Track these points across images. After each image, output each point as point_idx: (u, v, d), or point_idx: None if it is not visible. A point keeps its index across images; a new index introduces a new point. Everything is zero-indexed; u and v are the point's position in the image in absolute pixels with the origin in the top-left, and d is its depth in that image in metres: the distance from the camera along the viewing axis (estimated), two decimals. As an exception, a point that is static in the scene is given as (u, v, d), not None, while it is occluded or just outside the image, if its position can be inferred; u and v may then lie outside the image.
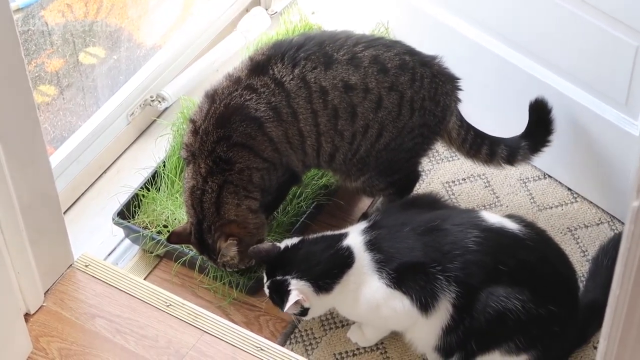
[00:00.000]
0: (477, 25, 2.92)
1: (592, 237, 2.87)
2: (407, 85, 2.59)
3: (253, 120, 2.54)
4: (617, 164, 2.79)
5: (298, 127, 2.57)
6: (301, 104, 2.55)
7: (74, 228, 2.84)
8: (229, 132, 2.53)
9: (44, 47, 2.87)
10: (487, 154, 2.77)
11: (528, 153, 2.78)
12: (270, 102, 2.54)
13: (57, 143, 2.96)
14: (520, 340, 2.40)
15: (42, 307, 2.64)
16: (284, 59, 2.55)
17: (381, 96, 2.57)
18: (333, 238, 2.48)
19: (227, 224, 2.59)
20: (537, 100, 2.76)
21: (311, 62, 2.55)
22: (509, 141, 2.78)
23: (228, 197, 2.57)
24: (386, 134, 2.60)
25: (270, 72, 2.55)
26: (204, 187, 2.57)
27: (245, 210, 2.59)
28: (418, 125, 2.62)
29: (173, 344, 2.57)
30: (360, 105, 2.57)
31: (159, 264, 2.84)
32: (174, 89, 3.16)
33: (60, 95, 2.98)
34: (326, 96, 2.55)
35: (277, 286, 2.46)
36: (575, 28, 2.66)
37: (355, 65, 2.55)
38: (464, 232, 2.39)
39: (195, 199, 2.59)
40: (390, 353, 2.64)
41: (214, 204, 2.58)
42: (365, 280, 2.41)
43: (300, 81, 2.54)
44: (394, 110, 2.59)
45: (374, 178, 2.69)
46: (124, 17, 3.10)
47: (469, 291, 2.35)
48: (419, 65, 2.61)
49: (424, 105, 2.61)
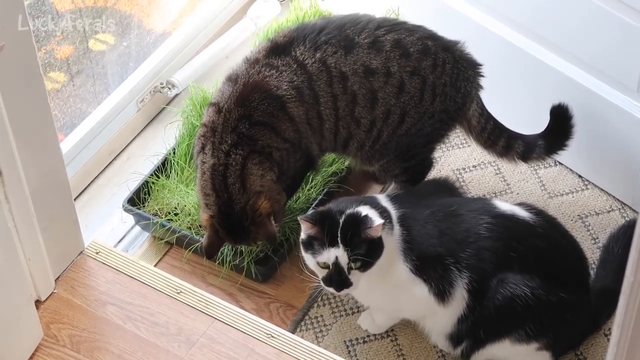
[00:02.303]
0: (488, 12, 2.92)
1: (603, 224, 2.87)
2: (430, 70, 2.58)
3: (275, 99, 2.53)
4: (628, 151, 2.78)
5: (318, 110, 2.56)
6: (322, 87, 2.54)
7: (84, 215, 2.84)
8: (249, 110, 2.52)
9: (53, 34, 2.86)
10: (504, 147, 2.75)
11: (543, 153, 2.76)
12: (292, 80, 2.53)
13: (67, 130, 2.96)
14: (531, 328, 2.39)
15: (52, 294, 2.64)
16: (306, 42, 2.54)
17: (403, 80, 2.56)
18: (372, 198, 2.44)
19: (258, 200, 2.53)
20: (560, 105, 2.73)
21: (332, 46, 2.53)
22: (526, 138, 2.76)
23: (253, 168, 2.53)
24: (408, 119, 2.59)
25: (292, 53, 2.54)
26: (227, 161, 2.52)
27: (270, 181, 2.56)
28: (438, 110, 2.62)
29: (184, 331, 2.57)
30: (382, 90, 2.56)
31: (170, 251, 2.84)
32: (183, 75, 3.16)
33: (70, 82, 2.97)
34: (346, 81, 2.54)
35: (352, 219, 2.32)
36: (587, 13, 2.65)
37: (377, 49, 2.54)
38: (476, 218, 2.39)
39: (217, 177, 2.53)
40: (400, 340, 2.63)
41: (239, 177, 2.52)
42: (394, 258, 2.38)
43: (322, 65, 2.53)
44: (416, 95, 2.58)
45: (390, 163, 2.68)
46: (133, 4, 3.09)
47: (482, 277, 2.35)
48: (441, 50, 2.60)
49: (445, 91, 2.60)
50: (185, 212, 2.80)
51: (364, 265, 2.32)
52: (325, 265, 2.33)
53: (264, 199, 2.53)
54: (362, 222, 2.29)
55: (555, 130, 2.75)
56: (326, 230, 2.30)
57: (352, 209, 2.32)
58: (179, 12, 3.29)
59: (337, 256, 2.30)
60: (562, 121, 2.74)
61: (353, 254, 2.29)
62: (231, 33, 3.31)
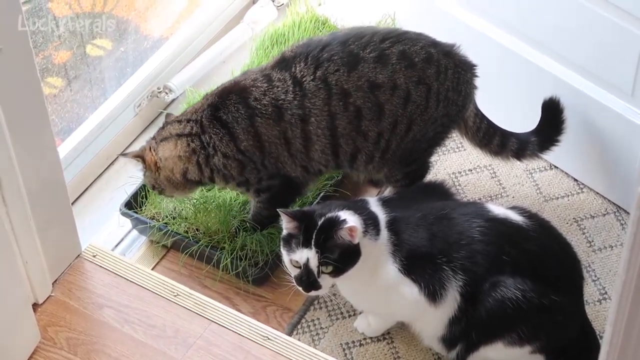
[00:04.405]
0: (483, 16, 2.93)
1: (598, 227, 2.88)
2: (434, 78, 2.59)
3: (247, 107, 2.56)
4: (623, 154, 2.79)
5: (305, 129, 2.57)
6: (318, 104, 2.55)
7: (81, 219, 2.85)
8: (221, 105, 2.58)
9: (51, 40, 2.88)
10: (498, 145, 2.78)
11: (537, 150, 2.80)
12: (277, 98, 2.55)
13: (64, 135, 2.97)
14: (523, 331, 2.39)
15: (50, 297, 2.65)
16: (308, 59, 2.56)
17: (409, 91, 2.57)
18: (362, 202, 2.46)
19: (150, 151, 2.64)
20: (550, 99, 2.76)
21: (334, 63, 2.54)
22: (519, 136, 2.79)
23: (179, 144, 2.61)
24: (415, 127, 2.61)
25: (292, 69, 2.56)
26: (175, 126, 2.63)
27: (181, 166, 2.62)
28: (441, 115, 2.63)
29: (180, 334, 2.58)
30: (388, 103, 2.57)
31: (167, 254, 2.85)
32: (180, 80, 3.17)
33: (68, 87, 2.98)
34: (348, 98, 2.55)
35: (330, 223, 2.33)
36: (582, 18, 2.66)
37: (383, 62, 2.55)
38: (469, 221, 2.40)
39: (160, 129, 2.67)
40: (397, 343, 2.64)
41: (164, 139, 2.64)
42: (382, 261, 2.39)
43: (321, 82, 2.54)
44: (422, 103, 2.59)
45: (394, 169, 2.69)
46: (131, 9, 3.10)
47: (474, 280, 2.36)
48: (442, 56, 2.61)
49: (448, 96, 2.62)
50: (182, 216, 2.81)
51: (336, 271, 2.33)
52: (297, 264, 2.35)
53: (150, 158, 2.64)
54: (336, 224, 2.31)
55: (547, 125, 2.78)
56: (303, 230, 2.32)
57: (333, 213, 2.34)
58: (176, 17, 3.31)
59: (308, 257, 2.32)
60: (553, 115, 2.76)
61: (323, 257, 2.31)
62: (228, 38, 3.32)
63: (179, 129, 2.62)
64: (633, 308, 1.40)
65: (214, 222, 2.76)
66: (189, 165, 2.62)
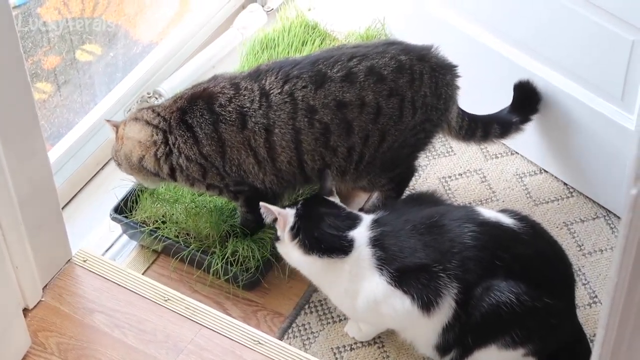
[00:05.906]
0: (472, 19, 2.94)
1: (588, 231, 2.88)
2: (407, 87, 2.59)
3: (212, 113, 2.56)
4: (613, 158, 2.80)
5: (269, 139, 2.56)
6: (282, 117, 2.55)
7: (72, 224, 2.85)
8: (188, 110, 2.59)
9: (40, 45, 2.87)
10: (482, 136, 2.85)
11: (519, 124, 2.87)
12: (243, 106, 2.55)
13: (54, 140, 2.97)
14: (517, 334, 2.40)
15: (40, 302, 2.65)
16: (279, 73, 2.57)
17: (379, 105, 2.57)
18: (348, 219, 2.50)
19: (123, 124, 2.67)
20: (521, 81, 2.86)
21: (302, 80, 2.55)
22: (500, 119, 2.87)
23: (143, 130, 2.63)
24: (389, 138, 2.61)
25: (262, 81, 2.57)
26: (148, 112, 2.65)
27: (139, 151, 2.64)
28: (420, 122, 2.63)
29: (171, 338, 2.58)
30: (357, 120, 2.57)
31: (157, 259, 2.85)
32: (170, 85, 3.17)
33: (57, 92, 2.98)
34: (313, 114, 2.55)
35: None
36: (571, 23, 2.67)
37: (351, 81, 2.55)
38: (461, 227, 2.40)
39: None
40: (387, 347, 2.64)
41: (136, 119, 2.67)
42: (365, 275, 2.41)
43: (288, 96, 2.55)
44: (394, 114, 2.59)
45: (377, 176, 2.69)
46: (120, 14, 3.10)
47: (468, 286, 2.36)
48: (416, 62, 2.61)
49: (426, 102, 2.62)
50: (172, 221, 2.81)
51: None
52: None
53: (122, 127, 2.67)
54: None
55: (521, 101, 2.88)
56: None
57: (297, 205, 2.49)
58: (165, 22, 3.31)
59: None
60: (525, 90, 2.87)
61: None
62: (218, 43, 3.33)
63: (149, 117, 2.64)
64: (625, 311, 1.41)
65: (205, 227, 2.75)
66: (146, 154, 2.64)
